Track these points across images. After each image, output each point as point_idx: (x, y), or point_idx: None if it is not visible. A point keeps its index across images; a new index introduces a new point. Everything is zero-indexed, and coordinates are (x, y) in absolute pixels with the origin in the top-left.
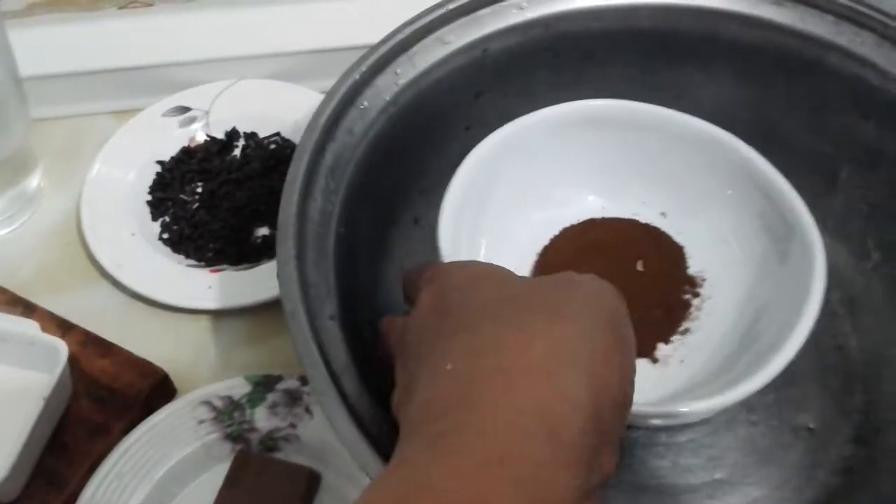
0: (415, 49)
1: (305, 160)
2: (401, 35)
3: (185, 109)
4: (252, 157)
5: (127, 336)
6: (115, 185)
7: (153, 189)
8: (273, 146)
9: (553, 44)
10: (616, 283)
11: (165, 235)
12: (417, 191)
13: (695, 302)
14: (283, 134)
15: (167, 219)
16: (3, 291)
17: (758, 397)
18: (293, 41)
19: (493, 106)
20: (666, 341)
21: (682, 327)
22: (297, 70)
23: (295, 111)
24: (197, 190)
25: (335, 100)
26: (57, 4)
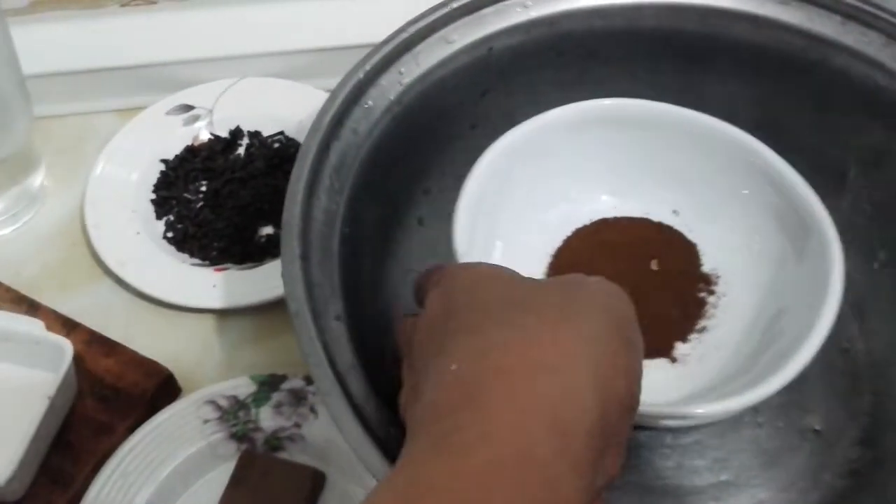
0: (419, 48)
1: (310, 159)
2: (405, 34)
3: (189, 108)
4: (256, 156)
5: (131, 335)
6: (119, 184)
7: (157, 188)
8: (277, 145)
9: (557, 43)
10: (631, 283)
11: (170, 234)
12: (422, 190)
13: (710, 300)
14: (287, 133)
15: (171, 217)
16: (8, 290)
17: (764, 399)
18: (297, 39)
19: (498, 105)
20: (684, 340)
21: (700, 325)
22: (301, 68)
23: (298, 110)
24: (201, 189)
25: (339, 99)
26: (60, 2)
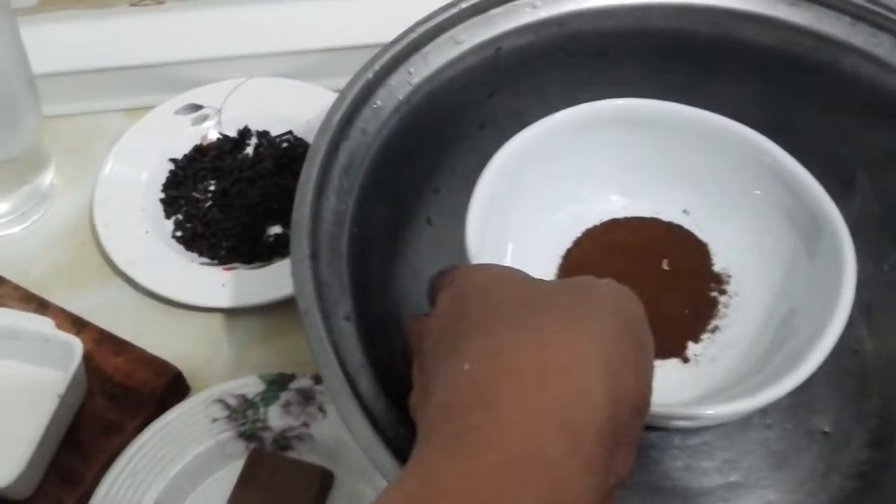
0: (428, 48)
1: (319, 159)
2: (414, 34)
3: (198, 107)
4: (264, 156)
5: (140, 334)
6: (128, 183)
7: (166, 187)
8: (285, 144)
9: (566, 43)
10: (642, 283)
11: (178, 233)
12: (430, 190)
13: (722, 299)
14: (296, 132)
15: (180, 217)
16: (18, 289)
17: (777, 399)
18: (305, 39)
19: (506, 105)
20: (696, 339)
21: (712, 325)
22: (309, 68)
23: (307, 110)
24: (210, 188)
25: (349, 99)
26: (68, 1)
